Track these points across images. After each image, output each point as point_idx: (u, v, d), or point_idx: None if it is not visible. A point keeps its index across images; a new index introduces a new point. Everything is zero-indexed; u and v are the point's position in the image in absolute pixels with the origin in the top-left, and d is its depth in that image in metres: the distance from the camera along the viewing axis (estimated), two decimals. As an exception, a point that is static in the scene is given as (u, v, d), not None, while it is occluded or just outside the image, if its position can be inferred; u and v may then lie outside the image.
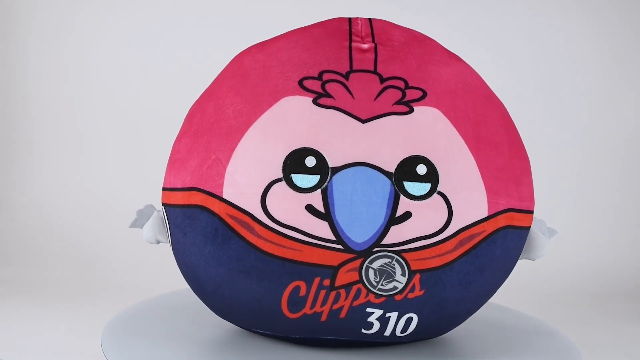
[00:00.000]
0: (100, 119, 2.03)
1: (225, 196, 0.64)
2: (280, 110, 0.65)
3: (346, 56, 0.67)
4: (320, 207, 0.63)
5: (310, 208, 0.63)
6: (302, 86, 0.66)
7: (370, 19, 0.71)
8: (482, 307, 0.74)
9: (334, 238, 0.63)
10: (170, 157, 0.72)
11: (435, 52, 0.70)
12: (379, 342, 0.69)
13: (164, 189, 0.72)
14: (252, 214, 0.64)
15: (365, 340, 0.69)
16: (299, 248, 0.63)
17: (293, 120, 0.64)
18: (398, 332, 0.68)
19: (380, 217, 0.63)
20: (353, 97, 0.65)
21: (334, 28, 0.70)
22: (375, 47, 0.67)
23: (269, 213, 0.63)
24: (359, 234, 0.63)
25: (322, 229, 0.63)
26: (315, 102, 0.64)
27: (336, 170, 0.63)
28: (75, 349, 0.76)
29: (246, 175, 0.64)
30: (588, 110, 1.95)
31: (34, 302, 1.01)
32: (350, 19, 0.71)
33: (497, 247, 0.68)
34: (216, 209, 0.65)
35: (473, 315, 0.75)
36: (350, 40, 0.68)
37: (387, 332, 0.67)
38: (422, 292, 0.66)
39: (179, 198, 0.68)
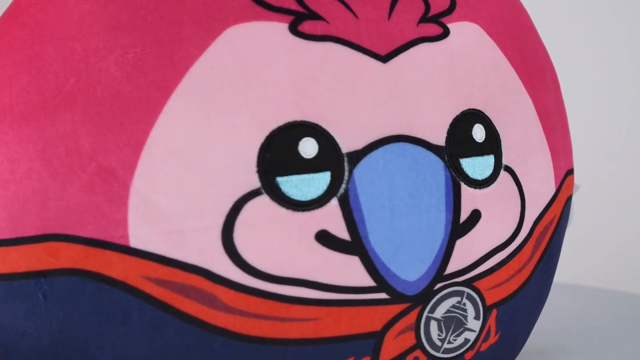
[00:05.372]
0: None
1: (134, 244, 0.30)
2: (229, 51, 0.32)
3: None
4: (342, 231, 0.32)
5: (324, 237, 0.32)
6: (264, 4, 0.33)
7: None
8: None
9: (373, 283, 0.33)
10: None
11: None
12: None
13: None
14: (208, 270, 0.31)
15: None
16: (315, 315, 0.33)
17: (260, 71, 0.32)
18: None
19: (438, 228, 0.35)
20: (357, 17, 0.34)
21: None
22: None
23: (245, 261, 0.31)
24: (411, 266, 0.34)
25: (351, 270, 0.33)
26: (293, 29, 0.33)
27: (357, 156, 0.33)
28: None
29: (180, 194, 0.30)
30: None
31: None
32: None
33: (562, 234, 0.43)
34: (118, 273, 0.30)
35: None
36: None
37: None
38: (497, 336, 0.39)
39: (13, 260, 0.31)
